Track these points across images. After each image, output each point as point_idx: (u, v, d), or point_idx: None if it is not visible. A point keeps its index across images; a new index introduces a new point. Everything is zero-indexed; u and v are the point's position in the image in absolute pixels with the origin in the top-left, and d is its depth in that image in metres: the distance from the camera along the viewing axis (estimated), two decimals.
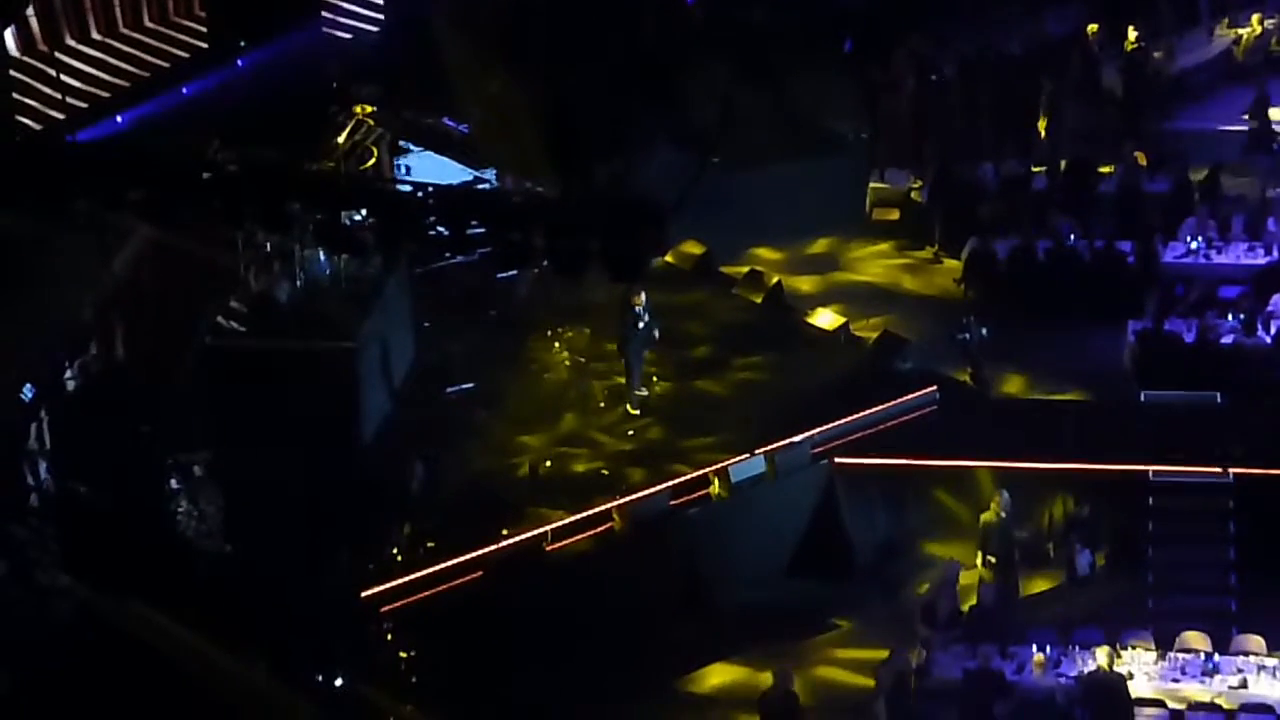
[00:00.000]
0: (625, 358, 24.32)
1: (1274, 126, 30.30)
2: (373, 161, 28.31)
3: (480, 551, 21.04)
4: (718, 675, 21.53)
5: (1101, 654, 19.89)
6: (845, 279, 28.53)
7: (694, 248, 27.52)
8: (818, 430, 22.93)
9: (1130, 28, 31.73)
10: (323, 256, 23.66)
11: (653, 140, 30.88)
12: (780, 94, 31.78)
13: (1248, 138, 30.28)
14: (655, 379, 24.69)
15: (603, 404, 24.36)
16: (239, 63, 26.46)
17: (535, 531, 21.46)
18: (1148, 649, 20.65)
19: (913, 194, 29.67)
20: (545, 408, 24.42)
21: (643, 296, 23.97)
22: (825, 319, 26.02)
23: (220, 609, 19.90)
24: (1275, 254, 27.12)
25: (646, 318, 24.19)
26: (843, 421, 23.14)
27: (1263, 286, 26.36)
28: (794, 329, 26.06)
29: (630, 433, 23.83)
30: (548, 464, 23.20)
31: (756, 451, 22.61)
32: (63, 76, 25.87)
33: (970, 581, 21.88)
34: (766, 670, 20.87)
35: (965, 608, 21.37)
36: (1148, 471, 22.60)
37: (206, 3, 28.80)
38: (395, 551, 21.49)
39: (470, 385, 24.56)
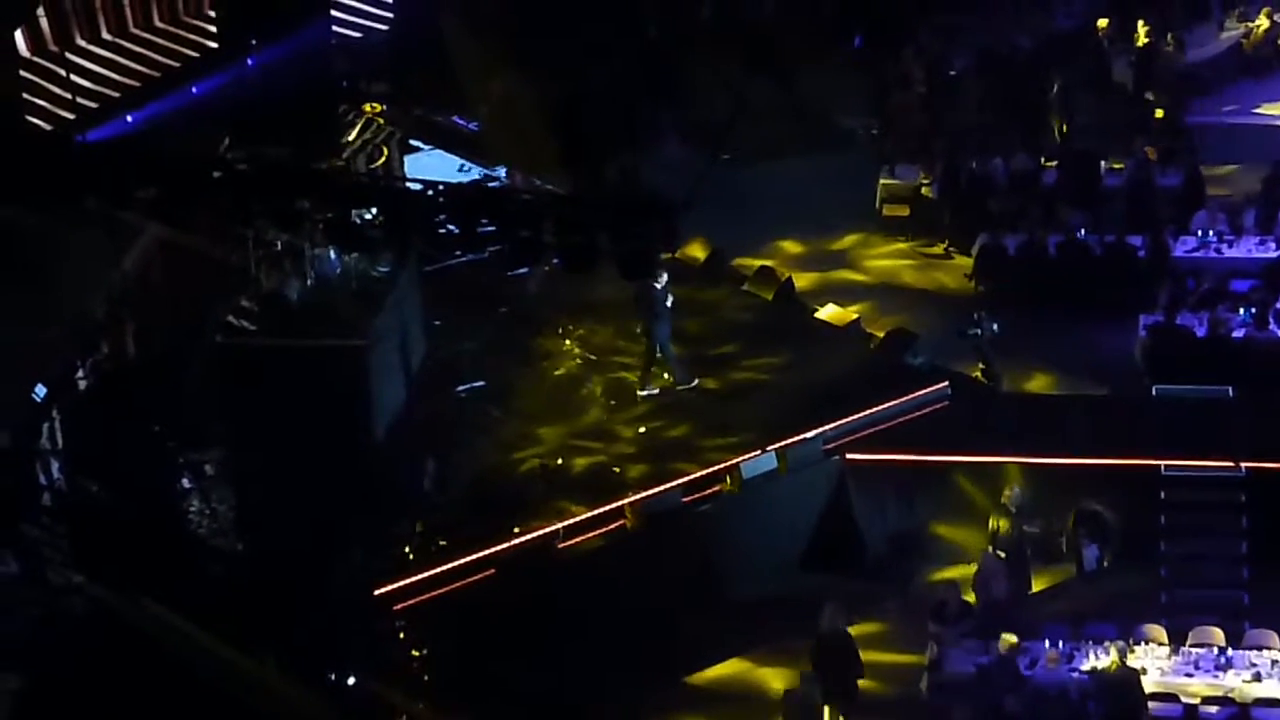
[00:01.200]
0: (654, 340, 24.22)
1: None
2: (383, 159, 28.35)
3: (492, 549, 21.05)
4: (729, 670, 21.53)
5: (1114, 648, 19.87)
6: (855, 274, 28.54)
7: (700, 250, 27.42)
8: (829, 426, 22.92)
9: (1140, 22, 31.73)
10: (333, 255, 23.65)
11: (662, 136, 30.90)
12: (790, 89, 31.79)
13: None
14: (665, 375, 24.65)
15: (613, 401, 24.33)
16: (249, 61, 26.45)
17: (547, 529, 21.47)
18: (1160, 643, 20.65)
19: (923, 189, 29.65)
20: (557, 405, 24.40)
21: (664, 277, 23.86)
22: (836, 314, 25.99)
23: (232, 607, 19.93)
24: None
25: (669, 297, 24.10)
26: (854, 417, 23.13)
27: (1274, 279, 26.32)
28: (805, 325, 26.03)
29: (642, 430, 23.81)
30: (559, 461, 23.19)
31: (768, 447, 22.61)
32: (73, 76, 25.89)
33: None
34: (778, 665, 20.94)
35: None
36: (1159, 466, 22.58)
37: (216, 2, 28.81)
38: (407, 549, 21.50)
39: (481, 383, 24.55)
